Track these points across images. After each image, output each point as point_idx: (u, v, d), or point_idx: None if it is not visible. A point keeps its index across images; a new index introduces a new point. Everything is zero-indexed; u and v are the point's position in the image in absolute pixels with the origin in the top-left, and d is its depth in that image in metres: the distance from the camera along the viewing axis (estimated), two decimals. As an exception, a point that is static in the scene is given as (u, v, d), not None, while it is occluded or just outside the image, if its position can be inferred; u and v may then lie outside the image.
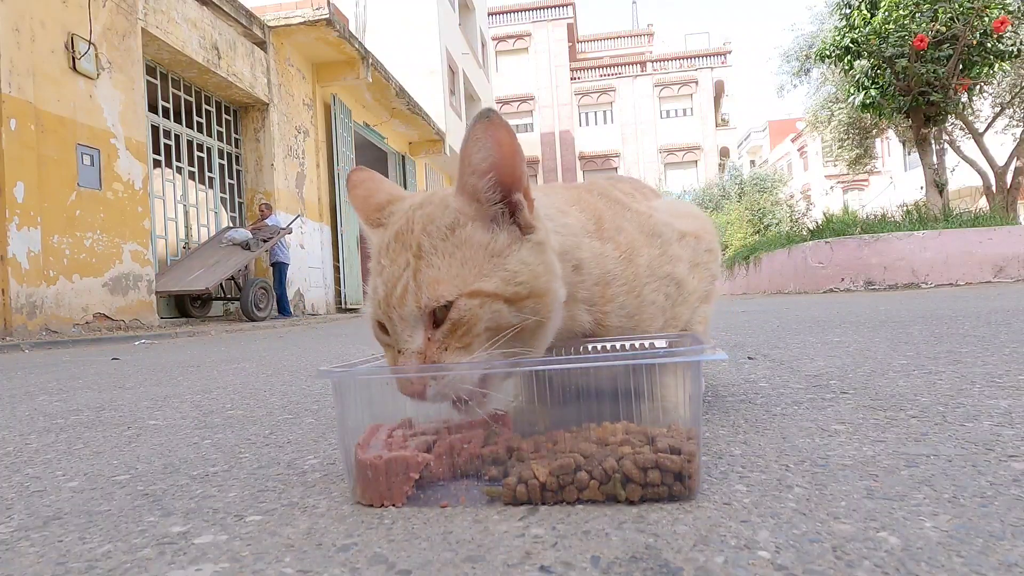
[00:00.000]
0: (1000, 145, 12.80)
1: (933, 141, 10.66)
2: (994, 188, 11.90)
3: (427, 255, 0.71)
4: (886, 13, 8.87)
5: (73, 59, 6.17)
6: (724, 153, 32.69)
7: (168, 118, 8.44)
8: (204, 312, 8.45)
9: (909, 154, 22.03)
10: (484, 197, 0.72)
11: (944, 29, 8.62)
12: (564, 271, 0.79)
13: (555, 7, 31.67)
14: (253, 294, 7.97)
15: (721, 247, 1.16)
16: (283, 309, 8.95)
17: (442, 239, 0.72)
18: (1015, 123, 12.81)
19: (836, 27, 9.90)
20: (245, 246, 8.24)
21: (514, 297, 0.70)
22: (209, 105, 9.35)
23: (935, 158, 10.85)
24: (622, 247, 0.89)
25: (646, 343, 0.88)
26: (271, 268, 9.12)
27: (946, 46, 8.84)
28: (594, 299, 0.85)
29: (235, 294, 8.45)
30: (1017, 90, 12.10)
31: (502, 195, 0.73)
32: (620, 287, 0.87)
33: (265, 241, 8.46)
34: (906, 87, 9.32)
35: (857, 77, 9.73)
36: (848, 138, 14.79)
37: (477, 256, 0.71)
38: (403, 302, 0.71)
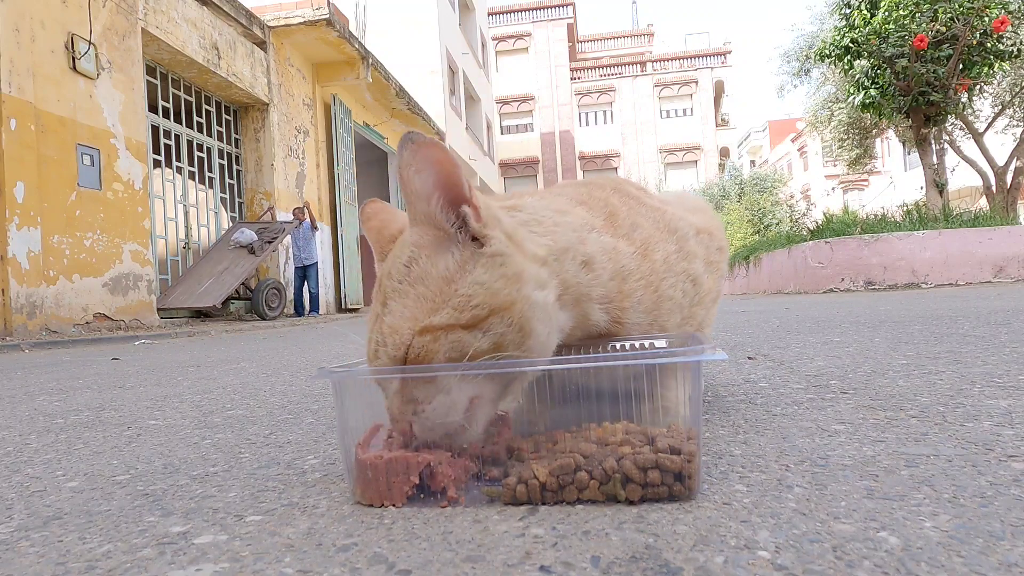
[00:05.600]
0: (1000, 145, 12.81)
1: (933, 141, 10.66)
2: (994, 188, 11.91)
3: (389, 301, 0.70)
4: (886, 13, 8.87)
5: (73, 59, 6.17)
6: (724, 153, 32.71)
7: (168, 118, 8.45)
8: (224, 310, 8.46)
9: (909, 154, 22.04)
10: (438, 220, 0.70)
11: (944, 29, 8.62)
12: (571, 270, 0.76)
13: (555, 7, 31.68)
14: (265, 294, 8.19)
15: None
16: (315, 308, 9.76)
17: (399, 280, 0.70)
18: (1015, 123, 12.81)
19: (836, 27, 9.90)
20: (250, 249, 8.32)
21: (473, 321, 0.67)
22: (209, 105, 9.35)
23: (935, 158, 10.85)
24: (637, 243, 0.86)
25: (646, 343, 0.88)
26: (301, 269, 9.51)
27: (946, 46, 8.84)
28: (610, 296, 0.81)
29: (245, 294, 8.56)
30: (1017, 90, 12.10)
31: (456, 214, 0.70)
32: (637, 282, 0.84)
33: (269, 243, 8.53)
34: (906, 87, 9.32)
35: (857, 77, 9.73)
36: (848, 138, 14.80)
37: (432, 289, 0.68)
38: (377, 356, 0.70)
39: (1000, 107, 12.59)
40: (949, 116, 10.13)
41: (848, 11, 9.70)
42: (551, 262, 0.75)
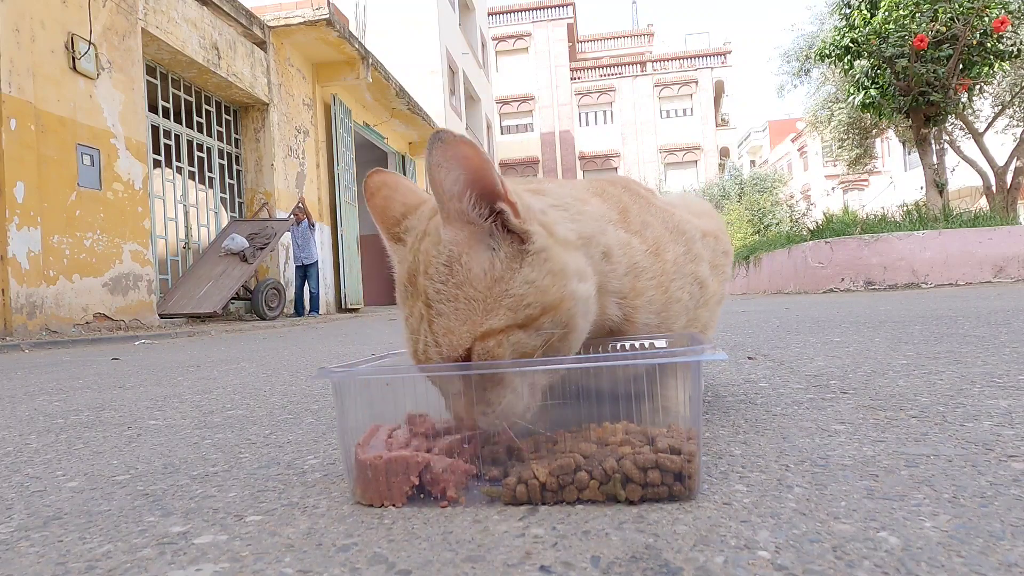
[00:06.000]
0: (1000, 145, 12.81)
1: (933, 141, 10.66)
2: (994, 188, 11.91)
3: (434, 303, 0.69)
4: (886, 13, 8.87)
5: (73, 59, 6.17)
6: (724, 153, 32.72)
7: (168, 118, 8.44)
8: (224, 311, 8.35)
9: (909, 154, 22.04)
10: (473, 217, 0.69)
11: (944, 29, 8.62)
12: (593, 260, 0.76)
13: (555, 7, 31.69)
14: (264, 294, 8.16)
15: None
16: (315, 307, 9.76)
17: (442, 282, 0.69)
18: (1015, 123, 12.81)
19: (836, 27, 9.90)
20: (243, 256, 8.11)
21: (527, 320, 0.68)
22: (209, 105, 9.35)
23: (935, 158, 10.85)
24: (648, 241, 0.86)
25: (646, 343, 0.88)
26: (301, 268, 9.51)
27: (946, 46, 8.84)
28: (624, 291, 0.81)
29: (244, 295, 8.48)
30: (1017, 90, 12.10)
31: (489, 209, 0.69)
32: (649, 280, 0.83)
33: (262, 248, 8.31)
34: (906, 87, 9.32)
35: (857, 77, 9.73)
36: (848, 138, 14.80)
37: (480, 289, 0.68)
38: (428, 356, 0.70)
39: (1000, 107, 12.59)
40: (949, 116, 10.13)
41: (848, 11, 9.70)
42: (581, 247, 0.75)
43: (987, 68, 8.97)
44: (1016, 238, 7.45)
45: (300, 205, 9.46)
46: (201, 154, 9.19)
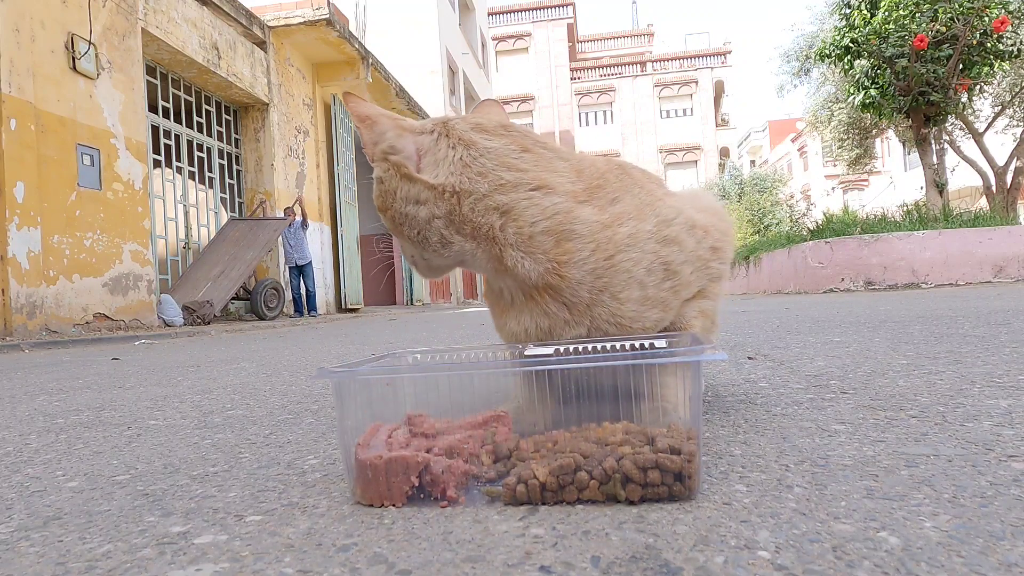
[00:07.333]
0: (1000, 145, 12.82)
1: (933, 141, 10.66)
2: (994, 188, 11.92)
3: None
4: (886, 13, 8.88)
5: (73, 59, 6.17)
6: (724, 153, 32.74)
7: (168, 118, 8.44)
8: (224, 311, 8.24)
9: (909, 154, 22.05)
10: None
11: (944, 29, 8.62)
12: (478, 210, 0.86)
13: (555, 7, 31.70)
14: (263, 294, 8.13)
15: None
16: (312, 307, 9.64)
17: None
18: (1015, 123, 12.82)
19: (836, 27, 9.91)
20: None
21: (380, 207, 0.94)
22: (209, 105, 9.35)
23: (935, 158, 10.85)
24: (607, 214, 0.88)
25: (646, 343, 0.88)
26: (296, 268, 9.41)
27: (946, 46, 8.84)
28: (534, 248, 0.85)
29: (243, 295, 8.42)
30: (1017, 90, 12.11)
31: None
32: (586, 243, 0.86)
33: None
34: (906, 87, 9.32)
35: (857, 77, 9.73)
36: (848, 138, 14.81)
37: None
38: None
39: (1000, 107, 12.60)
40: (949, 116, 10.13)
41: (848, 11, 9.71)
42: (450, 192, 0.87)
43: (987, 68, 8.97)
44: (1016, 238, 7.45)
45: (298, 203, 9.42)
46: (201, 154, 9.19)
